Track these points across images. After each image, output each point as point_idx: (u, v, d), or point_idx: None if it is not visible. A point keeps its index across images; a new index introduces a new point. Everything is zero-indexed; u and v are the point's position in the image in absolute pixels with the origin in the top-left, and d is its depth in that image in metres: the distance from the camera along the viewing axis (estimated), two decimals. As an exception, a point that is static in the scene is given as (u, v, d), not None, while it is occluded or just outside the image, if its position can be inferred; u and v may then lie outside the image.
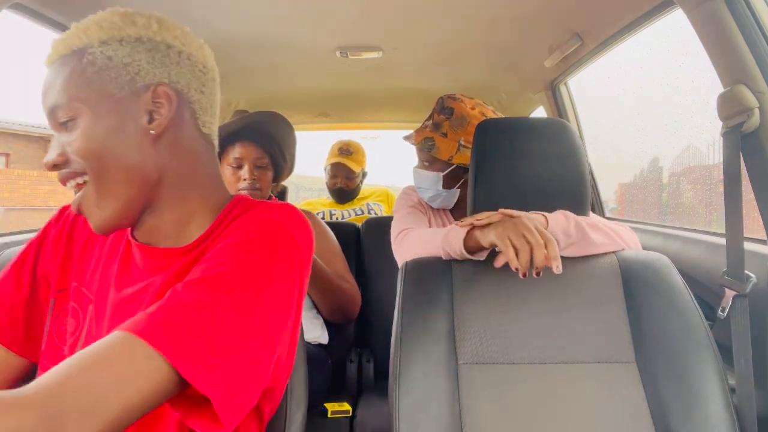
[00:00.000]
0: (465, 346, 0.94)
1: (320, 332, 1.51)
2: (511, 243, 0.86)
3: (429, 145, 1.28)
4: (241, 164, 1.51)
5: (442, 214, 1.38)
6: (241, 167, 1.51)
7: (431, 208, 1.38)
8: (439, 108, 1.32)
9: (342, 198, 2.59)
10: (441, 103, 1.32)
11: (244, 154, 1.51)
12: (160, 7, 1.40)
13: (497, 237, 0.88)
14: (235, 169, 1.51)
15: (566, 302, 0.97)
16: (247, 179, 1.49)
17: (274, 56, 1.81)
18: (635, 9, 1.27)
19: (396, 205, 1.40)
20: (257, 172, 1.51)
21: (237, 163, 1.51)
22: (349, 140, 2.64)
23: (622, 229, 1.09)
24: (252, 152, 1.51)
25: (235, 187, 1.51)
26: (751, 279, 0.91)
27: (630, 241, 1.07)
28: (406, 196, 1.40)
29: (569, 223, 0.98)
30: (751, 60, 0.92)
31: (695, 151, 2.14)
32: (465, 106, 1.29)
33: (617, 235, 1.04)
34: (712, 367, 0.88)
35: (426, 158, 1.32)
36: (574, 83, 1.93)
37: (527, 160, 0.99)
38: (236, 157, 1.51)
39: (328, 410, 1.37)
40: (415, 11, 1.45)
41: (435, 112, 1.33)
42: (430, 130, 1.31)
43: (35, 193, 11.44)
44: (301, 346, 0.91)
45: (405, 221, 1.28)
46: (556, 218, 0.98)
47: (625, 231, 1.08)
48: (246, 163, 1.51)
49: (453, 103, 1.30)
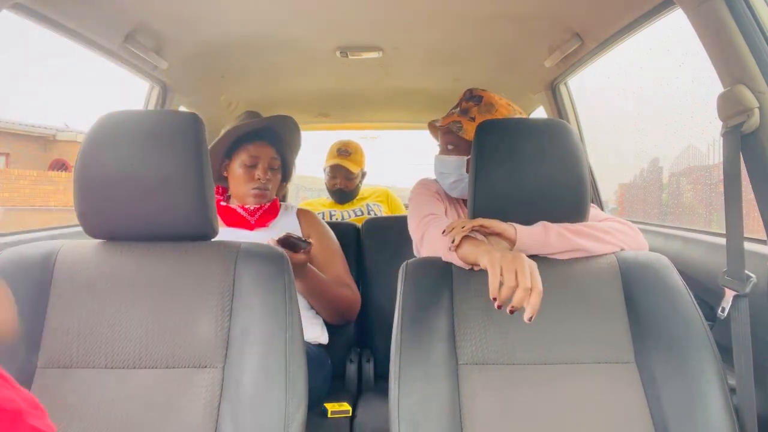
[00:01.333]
0: (465, 346, 0.94)
1: (320, 332, 1.51)
2: (501, 273, 0.84)
3: (457, 127, 1.30)
4: (256, 163, 1.52)
5: (457, 206, 1.38)
6: (255, 166, 1.52)
7: (447, 198, 1.38)
8: (468, 96, 1.35)
9: (342, 198, 2.59)
10: (469, 93, 1.35)
11: (261, 154, 1.52)
12: (160, 7, 1.41)
13: (489, 262, 0.86)
14: (249, 168, 1.51)
15: (566, 303, 0.97)
16: (262, 178, 1.50)
17: (274, 56, 1.81)
18: (635, 9, 1.27)
19: (413, 194, 1.38)
20: (270, 173, 1.53)
21: (252, 162, 1.52)
22: (347, 141, 2.63)
23: (621, 228, 1.09)
24: (268, 153, 1.53)
25: (247, 185, 1.51)
26: (751, 279, 0.91)
27: (627, 240, 1.07)
28: (422, 186, 1.39)
29: (548, 235, 0.98)
30: (751, 60, 0.92)
31: (695, 151, 2.15)
32: (493, 96, 1.33)
33: (610, 235, 1.05)
34: (712, 367, 0.88)
35: (452, 140, 1.34)
36: (574, 83, 1.93)
37: (527, 160, 0.99)
38: (252, 155, 1.51)
39: (328, 410, 1.37)
40: (416, 11, 1.45)
41: (462, 101, 1.35)
42: (458, 114, 1.33)
43: (35, 193, 11.43)
44: (301, 346, 0.92)
45: (425, 207, 1.28)
46: (531, 231, 0.99)
47: (623, 230, 1.09)
48: (261, 163, 1.52)
49: (482, 92, 1.34)
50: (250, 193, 1.51)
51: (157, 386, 0.88)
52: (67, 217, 4.96)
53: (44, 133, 12.87)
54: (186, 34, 1.56)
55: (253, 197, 1.51)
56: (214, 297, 0.93)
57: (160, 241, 0.98)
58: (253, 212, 1.51)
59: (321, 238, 1.56)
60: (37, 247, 0.97)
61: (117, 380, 0.88)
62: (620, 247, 1.05)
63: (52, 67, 27.70)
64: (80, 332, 0.91)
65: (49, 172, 12.25)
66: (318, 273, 1.43)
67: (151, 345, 0.90)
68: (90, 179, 0.92)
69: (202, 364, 0.89)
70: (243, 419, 0.84)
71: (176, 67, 1.75)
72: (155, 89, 1.89)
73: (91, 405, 0.86)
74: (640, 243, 1.11)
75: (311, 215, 1.63)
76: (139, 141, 0.92)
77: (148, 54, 1.56)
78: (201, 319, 0.91)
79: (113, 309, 0.92)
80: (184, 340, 0.90)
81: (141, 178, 0.91)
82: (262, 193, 1.51)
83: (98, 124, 0.94)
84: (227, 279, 0.94)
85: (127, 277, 0.94)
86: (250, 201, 1.52)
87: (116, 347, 0.90)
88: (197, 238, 0.99)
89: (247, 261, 0.95)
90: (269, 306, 0.91)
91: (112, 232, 0.98)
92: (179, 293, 0.93)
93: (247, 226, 1.50)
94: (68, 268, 0.95)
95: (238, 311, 0.91)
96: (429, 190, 1.37)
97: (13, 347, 0.88)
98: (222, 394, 0.87)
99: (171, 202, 0.92)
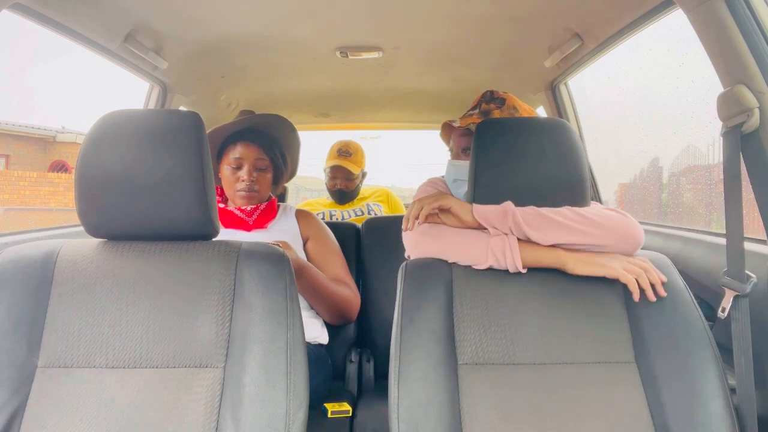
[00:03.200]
0: (465, 346, 0.94)
1: (320, 332, 1.51)
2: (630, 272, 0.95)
3: None
4: (241, 164, 1.51)
5: None
6: (240, 167, 1.51)
7: None
8: (488, 99, 1.28)
9: (342, 199, 2.59)
10: (489, 95, 1.29)
11: (245, 155, 1.50)
12: (160, 6, 1.41)
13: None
14: (234, 170, 1.51)
15: (566, 302, 0.97)
16: (245, 180, 1.49)
17: (274, 56, 1.82)
18: (635, 9, 1.27)
19: (418, 191, 1.34)
20: (256, 173, 1.51)
21: (237, 164, 1.51)
22: (348, 141, 2.63)
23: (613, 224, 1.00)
24: (252, 153, 1.51)
25: (233, 187, 1.51)
26: (751, 279, 0.91)
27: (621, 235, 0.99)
28: (431, 184, 1.32)
29: (505, 215, 0.99)
30: (751, 60, 0.92)
31: (695, 151, 2.15)
32: (516, 99, 1.28)
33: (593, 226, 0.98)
34: (712, 367, 0.88)
35: (470, 143, 1.23)
36: (574, 83, 1.93)
37: (527, 160, 0.99)
38: (236, 157, 1.50)
39: (328, 410, 1.37)
40: (415, 11, 1.45)
41: (482, 103, 1.29)
42: (478, 116, 1.27)
43: (35, 194, 11.43)
44: (302, 346, 0.92)
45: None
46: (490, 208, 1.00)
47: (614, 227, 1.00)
48: (246, 164, 1.50)
49: (504, 95, 1.29)
50: (237, 194, 1.51)
51: (158, 386, 0.88)
52: (67, 218, 4.95)
53: (44, 135, 12.86)
54: (186, 34, 1.56)
55: (240, 198, 1.51)
56: (215, 296, 0.93)
57: (161, 241, 0.98)
58: (251, 213, 1.51)
59: (319, 238, 1.56)
60: (37, 247, 0.97)
61: (117, 380, 0.88)
62: (601, 243, 0.99)
63: (52, 68, 27.69)
64: (81, 332, 0.91)
65: (49, 173, 12.25)
66: (315, 270, 1.43)
67: (152, 344, 0.90)
68: (91, 178, 0.92)
69: (202, 363, 0.89)
70: (244, 419, 0.84)
71: (176, 67, 1.75)
72: (155, 89, 1.89)
73: (92, 405, 0.86)
74: (630, 236, 1.00)
75: (310, 216, 1.62)
76: (140, 140, 0.92)
77: (148, 54, 1.57)
78: (202, 318, 0.91)
79: (114, 308, 0.92)
80: (185, 340, 0.90)
81: (142, 177, 0.91)
82: (249, 195, 1.50)
83: (99, 124, 0.94)
84: (228, 278, 0.94)
85: (128, 277, 0.94)
86: (239, 202, 1.51)
87: (117, 347, 0.90)
88: (198, 238, 0.99)
89: (248, 260, 0.95)
90: (270, 306, 0.91)
91: (113, 232, 0.98)
92: (180, 293, 0.93)
93: (244, 227, 1.50)
94: (69, 267, 0.95)
95: (239, 311, 0.91)
96: (436, 188, 1.34)
97: (14, 347, 0.88)
98: (223, 393, 0.87)
99: (172, 202, 0.92)
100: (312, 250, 1.55)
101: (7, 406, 0.85)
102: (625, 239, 0.99)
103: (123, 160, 0.91)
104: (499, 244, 0.98)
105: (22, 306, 0.91)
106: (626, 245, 0.99)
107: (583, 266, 0.97)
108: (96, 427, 0.85)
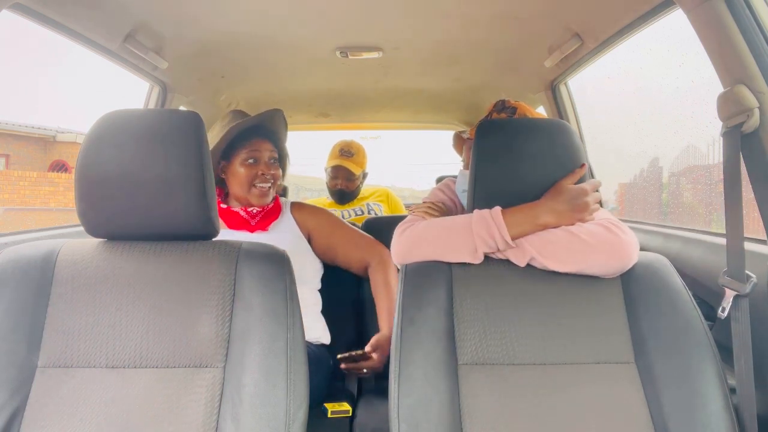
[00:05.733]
0: (465, 346, 0.94)
1: (322, 333, 1.51)
2: None
3: None
4: (259, 159, 1.52)
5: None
6: (258, 162, 1.51)
7: (460, 207, 1.34)
8: (499, 108, 1.28)
9: (342, 199, 2.59)
10: (501, 104, 1.29)
11: (262, 148, 1.52)
12: (160, 6, 1.41)
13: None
14: (251, 165, 1.51)
15: (566, 303, 0.97)
16: (266, 173, 1.51)
17: (274, 56, 1.82)
18: (635, 9, 1.27)
19: (431, 195, 1.33)
20: (272, 168, 1.54)
21: (254, 157, 1.51)
22: (350, 141, 2.63)
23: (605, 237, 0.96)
24: (267, 148, 1.53)
25: (250, 183, 1.51)
26: (751, 279, 0.91)
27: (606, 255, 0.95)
28: (442, 190, 1.33)
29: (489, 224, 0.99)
30: (751, 60, 0.92)
31: (695, 151, 2.15)
32: (528, 108, 1.28)
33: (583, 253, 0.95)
34: (712, 367, 0.88)
35: None
36: (574, 83, 1.94)
37: (527, 160, 0.99)
38: (254, 150, 1.51)
39: (328, 410, 1.37)
40: (415, 11, 1.45)
41: (493, 112, 1.29)
42: None
43: (35, 194, 11.43)
44: (302, 347, 0.92)
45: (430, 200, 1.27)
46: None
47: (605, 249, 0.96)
48: (263, 158, 1.52)
49: (516, 103, 1.29)
50: (255, 191, 1.50)
51: (158, 386, 0.88)
52: (67, 218, 4.95)
53: (44, 135, 12.86)
54: (186, 34, 1.56)
55: (256, 197, 1.51)
56: (215, 296, 0.93)
57: (161, 241, 0.98)
58: (255, 215, 1.51)
59: (320, 228, 1.57)
60: (37, 247, 0.97)
61: (117, 380, 0.88)
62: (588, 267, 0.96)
63: (52, 68, 27.69)
64: (81, 332, 0.91)
65: (49, 173, 12.25)
66: (385, 312, 1.50)
67: (152, 344, 0.90)
68: (91, 178, 0.92)
69: (202, 363, 0.90)
70: (244, 419, 0.84)
71: (176, 67, 1.75)
72: (155, 89, 1.89)
73: (92, 405, 0.86)
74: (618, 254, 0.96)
75: (303, 207, 1.63)
76: (140, 140, 0.92)
77: (148, 54, 1.57)
78: (202, 318, 0.91)
79: (114, 308, 0.92)
80: (184, 340, 0.90)
81: (142, 177, 0.91)
82: (266, 191, 1.51)
83: (99, 123, 0.94)
84: (228, 278, 0.94)
85: (128, 277, 0.94)
86: (254, 200, 1.51)
87: (117, 347, 0.90)
88: (198, 238, 0.99)
89: (248, 261, 0.95)
90: (270, 306, 0.91)
91: (112, 232, 0.98)
92: (180, 292, 0.93)
93: (247, 228, 1.50)
94: (69, 267, 0.95)
95: (239, 311, 0.91)
96: (444, 196, 1.33)
97: (13, 347, 0.88)
98: (223, 393, 0.87)
99: (172, 201, 0.92)
100: (319, 245, 1.57)
101: (6, 406, 0.85)
102: (612, 257, 0.95)
103: (123, 160, 0.91)
104: (483, 225, 0.98)
105: (22, 306, 0.91)
106: (615, 264, 0.96)
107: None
108: (96, 427, 0.85)
